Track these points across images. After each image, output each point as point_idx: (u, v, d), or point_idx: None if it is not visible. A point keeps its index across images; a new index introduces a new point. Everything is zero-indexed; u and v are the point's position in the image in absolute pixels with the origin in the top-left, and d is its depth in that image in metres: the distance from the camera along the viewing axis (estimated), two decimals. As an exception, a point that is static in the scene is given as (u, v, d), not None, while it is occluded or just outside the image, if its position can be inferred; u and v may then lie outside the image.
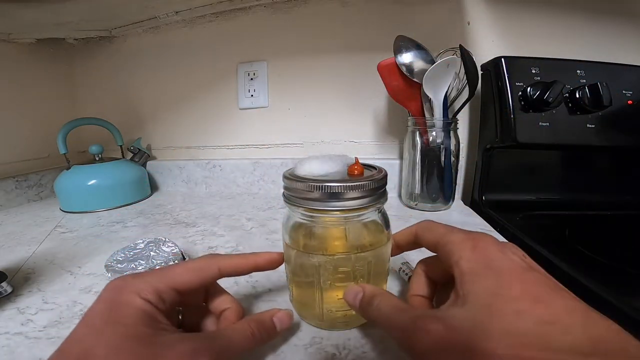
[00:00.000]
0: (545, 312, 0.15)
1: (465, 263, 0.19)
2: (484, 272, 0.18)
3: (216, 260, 0.23)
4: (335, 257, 0.24)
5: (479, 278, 0.17)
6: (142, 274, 0.21)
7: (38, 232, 0.52)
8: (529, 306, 0.15)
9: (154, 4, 0.65)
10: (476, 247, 0.19)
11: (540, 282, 0.17)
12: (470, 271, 0.18)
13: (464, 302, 0.17)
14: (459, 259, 0.19)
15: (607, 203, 0.53)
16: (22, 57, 0.72)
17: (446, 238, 0.21)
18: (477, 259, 0.18)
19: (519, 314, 0.15)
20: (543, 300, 0.16)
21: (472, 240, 0.20)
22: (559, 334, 0.14)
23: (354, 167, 0.25)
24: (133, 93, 0.81)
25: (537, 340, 0.14)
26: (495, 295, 0.16)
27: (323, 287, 0.24)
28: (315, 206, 0.23)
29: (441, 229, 0.22)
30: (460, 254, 0.19)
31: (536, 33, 0.58)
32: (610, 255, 0.36)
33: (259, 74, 0.70)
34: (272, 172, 0.71)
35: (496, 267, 0.18)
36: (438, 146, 0.53)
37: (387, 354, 0.23)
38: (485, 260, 0.18)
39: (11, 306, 0.31)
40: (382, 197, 0.24)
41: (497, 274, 0.17)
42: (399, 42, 0.50)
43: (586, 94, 0.48)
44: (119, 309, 0.18)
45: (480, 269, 0.18)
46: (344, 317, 0.25)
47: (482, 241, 0.19)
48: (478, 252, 0.19)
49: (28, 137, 0.74)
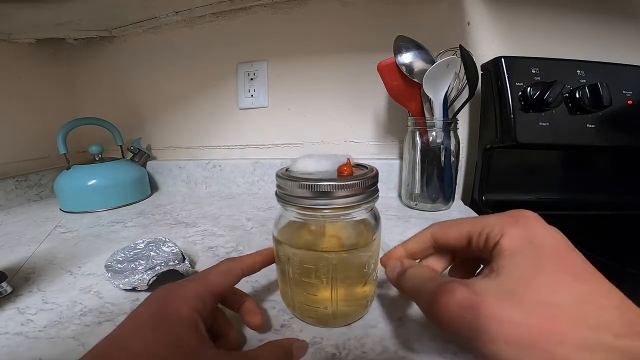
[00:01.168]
0: (584, 290, 0.15)
1: (507, 240, 0.18)
2: (526, 247, 0.17)
3: (237, 262, 0.25)
4: (300, 251, 0.24)
5: (519, 252, 0.17)
6: (185, 282, 0.22)
7: (38, 232, 0.52)
8: (569, 282, 0.15)
9: (154, 4, 0.65)
10: (518, 223, 0.18)
11: (582, 263, 0.16)
12: (511, 247, 0.17)
13: (498, 275, 0.17)
14: (501, 238, 0.18)
15: (607, 203, 0.53)
16: (22, 57, 0.72)
17: (480, 224, 0.20)
18: (521, 235, 0.18)
19: (557, 286, 0.15)
20: (583, 279, 0.16)
21: (512, 217, 0.19)
22: (596, 312, 0.14)
23: (344, 168, 0.25)
24: (133, 93, 0.81)
25: (572, 314, 0.14)
26: (535, 267, 0.16)
27: (292, 279, 0.25)
28: (300, 203, 0.23)
29: (465, 220, 0.21)
30: (503, 232, 0.18)
31: (536, 33, 0.58)
32: (610, 255, 0.36)
33: (259, 74, 0.70)
34: (272, 172, 0.71)
35: (539, 242, 0.17)
36: (438, 146, 0.53)
37: (387, 354, 0.23)
38: (529, 235, 0.17)
39: (11, 306, 0.31)
40: (369, 197, 0.24)
41: (539, 249, 0.17)
42: (399, 42, 0.50)
43: (586, 94, 0.48)
44: (167, 317, 0.19)
45: (523, 244, 0.17)
46: (316, 314, 0.26)
47: (525, 216, 0.19)
48: (521, 227, 0.18)
49: (28, 137, 0.74)
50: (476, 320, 0.15)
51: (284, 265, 0.26)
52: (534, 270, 0.16)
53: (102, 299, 0.32)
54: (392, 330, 0.26)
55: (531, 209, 0.19)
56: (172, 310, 0.19)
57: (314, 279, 0.24)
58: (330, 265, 0.24)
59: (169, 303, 0.20)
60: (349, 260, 0.24)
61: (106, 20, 0.71)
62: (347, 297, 0.25)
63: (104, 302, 0.31)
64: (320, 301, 0.25)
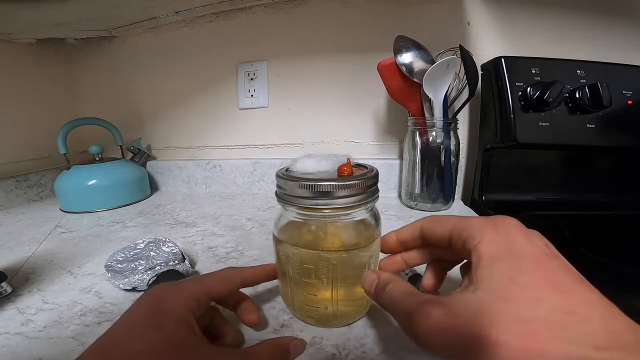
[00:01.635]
0: (565, 302, 0.14)
1: (484, 246, 0.17)
2: (504, 256, 0.17)
3: (239, 272, 0.26)
4: (301, 251, 0.24)
5: (497, 262, 0.16)
6: (181, 282, 0.22)
7: (38, 232, 0.52)
8: (547, 294, 0.15)
9: (154, 4, 0.65)
10: (498, 229, 0.18)
11: (563, 271, 0.16)
12: (489, 254, 0.17)
13: (476, 288, 0.16)
14: (479, 243, 0.18)
15: (607, 203, 0.53)
16: (22, 57, 0.72)
17: (463, 224, 0.20)
18: (499, 241, 0.17)
19: (536, 301, 0.14)
20: (563, 289, 0.15)
21: (493, 223, 0.18)
22: (576, 324, 0.14)
23: (344, 167, 0.25)
24: (133, 93, 0.81)
25: (550, 328, 0.14)
26: (512, 281, 0.15)
27: (292, 279, 0.25)
28: (301, 203, 0.23)
29: (452, 218, 0.21)
30: (481, 237, 0.18)
31: (536, 33, 0.58)
32: (610, 255, 0.36)
33: (259, 74, 0.70)
34: (272, 172, 0.71)
35: (518, 251, 0.16)
36: (438, 146, 0.53)
37: (387, 354, 0.23)
38: (507, 243, 0.17)
39: (11, 306, 0.31)
40: (369, 197, 0.24)
41: (517, 259, 0.16)
42: (399, 42, 0.50)
43: (586, 94, 0.48)
44: (161, 315, 0.19)
45: (501, 252, 0.17)
46: (316, 314, 0.26)
47: (505, 223, 0.18)
48: (500, 234, 0.18)
49: (28, 137, 0.74)
50: (454, 342, 0.15)
51: (284, 265, 0.26)
52: (511, 284, 0.15)
53: (102, 299, 0.32)
54: (392, 331, 0.26)
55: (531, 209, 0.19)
56: (166, 308, 0.19)
57: (314, 279, 0.24)
58: (331, 265, 0.24)
59: (163, 301, 0.20)
60: (350, 260, 0.24)
61: (106, 20, 0.71)
62: (348, 297, 0.25)
63: (104, 302, 0.31)
64: (321, 301, 0.25)
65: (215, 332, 0.24)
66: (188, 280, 0.23)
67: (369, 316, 0.27)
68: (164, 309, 0.19)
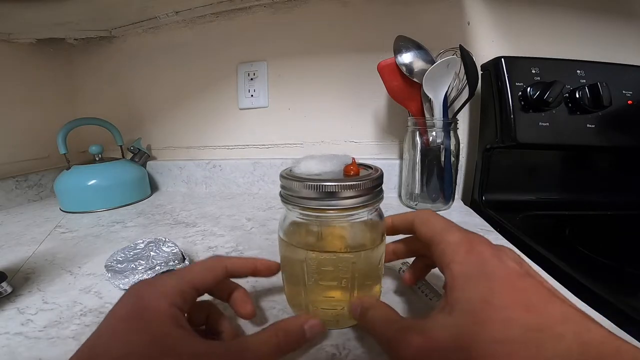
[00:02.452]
0: (536, 320, 0.15)
1: (457, 266, 0.18)
2: (476, 278, 0.17)
3: (222, 260, 0.24)
4: (318, 255, 0.24)
5: (469, 284, 0.17)
6: (163, 277, 0.21)
7: (38, 232, 0.52)
8: (519, 314, 0.15)
9: (154, 4, 0.65)
10: (471, 251, 0.18)
11: (534, 289, 0.16)
12: (462, 275, 0.18)
13: (452, 310, 0.17)
14: (451, 262, 0.18)
15: (607, 203, 0.53)
16: (22, 57, 0.72)
17: (441, 236, 0.20)
18: (471, 262, 0.18)
19: (508, 322, 0.15)
20: (535, 308, 0.15)
21: (467, 243, 0.19)
22: (549, 341, 0.14)
23: (350, 167, 0.25)
24: (133, 93, 0.81)
25: (526, 348, 0.14)
26: (485, 303, 0.16)
27: (307, 283, 0.25)
28: (308, 204, 0.23)
29: (438, 224, 0.22)
30: (454, 257, 0.19)
31: (536, 33, 0.58)
32: (610, 255, 0.36)
33: (259, 74, 0.70)
34: (272, 172, 0.71)
35: (489, 272, 0.17)
36: (438, 146, 0.53)
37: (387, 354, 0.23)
38: (479, 265, 0.18)
39: (11, 306, 0.31)
40: (376, 197, 0.24)
41: (489, 280, 0.17)
42: (399, 42, 0.50)
43: (586, 94, 0.48)
44: (144, 314, 0.18)
45: (473, 273, 0.17)
46: (331, 316, 0.25)
47: (478, 244, 0.19)
48: (473, 255, 0.18)
49: (28, 137, 0.74)
50: None
51: (294, 268, 0.25)
52: (485, 306, 0.16)
53: (102, 299, 0.32)
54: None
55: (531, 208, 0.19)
56: (148, 306, 0.18)
57: (333, 280, 0.24)
58: (350, 265, 0.24)
59: (144, 300, 0.19)
60: (367, 260, 0.24)
61: (106, 20, 0.71)
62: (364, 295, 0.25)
63: (104, 302, 0.31)
64: (338, 302, 0.25)
65: (214, 329, 0.23)
66: (169, 275, 0.21)
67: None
68: (146, 308, 0.18)
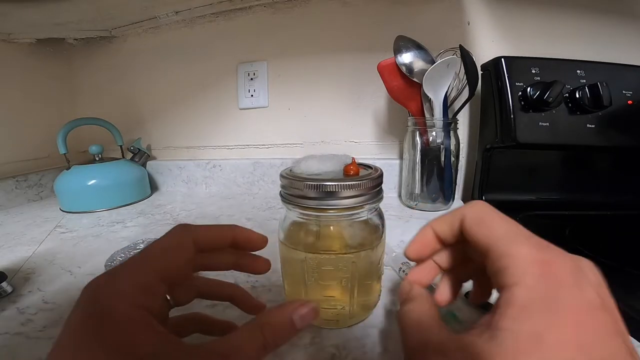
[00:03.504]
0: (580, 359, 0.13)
1: (523, 291, 0.14)
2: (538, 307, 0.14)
3: (189, 231, 0.19)
4: (318, 255, 0.24)
5: (526, 313, 0.14)
6: (119, 270, 0.16)
7: (38, 232, 0.51)
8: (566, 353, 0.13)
9: (154, 4, 0.65)
10: (547, 274, 0.15)
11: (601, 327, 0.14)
12: (522, 303, 0.14)
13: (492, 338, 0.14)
14: (516, 284, 0.15)
15: (607, 203, 0.53)
16: (22, 57, 0.72)
17: (506, 247, 0.16)
18: (541, 289, 0.14)
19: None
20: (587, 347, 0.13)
21: (543, 263, 0.15)
22: None
23: (350, 167, 0.25)
24: (133, 93, 0.81)
25: None
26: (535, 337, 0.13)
27: (307, 283, 0.25)
28: (308, 204, 0.23)
29: (500, 228, 0.17)
30: (523, 278, 0.15)
31: (536, 33, 0.58)
32: (610, 255, 0.36)
33: (259, 74, 0.70)
34: (272, 172, 0.71)
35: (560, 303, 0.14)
36: (438, 146, 0.53)
37: (387, 354, 0.23)
38: (551, 292, 0.14)
39: (11, 306, 0.31)
40: (376, 197, 0.24)
41: (553, 312, 0.14)
42: (399, 42, 0.50)
43: (586, 94, 0.48)
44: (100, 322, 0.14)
45: (537, 301, 0.14)
46: (331, 315, 0.25)
47: (556, 264, 0.15)
48: (548, 280, 0.14)
49: (28, 137, 0.74)
50: None
51: (294, 268, 0.25)
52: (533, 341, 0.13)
53: (102, 299, 0.32)
54: (393, 331, 0.26)
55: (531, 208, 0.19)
56: (106, 311, 0.14)
57: (333, 280, 0.24)
58: (350, 265, 0.24)
59: (98, 302, 0.15)
60: (367, 259, 0.25)
61: (106, 20, 0.71)
62: (364, 295, 0.25)
63: (104, 302, 0.31)
64: (338, 302, 0.25)
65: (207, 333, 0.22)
66: (126, 266, 0.17)
67: (370, 316, 0.27)
68: (102, 312, 0.14)
